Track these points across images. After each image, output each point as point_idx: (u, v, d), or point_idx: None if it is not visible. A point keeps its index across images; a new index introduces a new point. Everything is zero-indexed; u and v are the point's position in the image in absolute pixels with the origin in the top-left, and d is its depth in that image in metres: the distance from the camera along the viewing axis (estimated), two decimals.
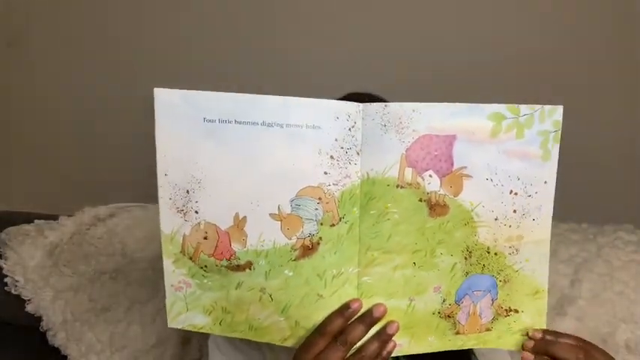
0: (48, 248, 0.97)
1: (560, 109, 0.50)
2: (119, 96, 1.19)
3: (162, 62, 1.19)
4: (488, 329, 0.54)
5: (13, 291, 0.93)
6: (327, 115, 0.48)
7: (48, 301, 0.93)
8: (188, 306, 0.53)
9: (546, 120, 0.50)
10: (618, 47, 1.12)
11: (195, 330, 0.54)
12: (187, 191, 0.50)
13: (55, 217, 1.02)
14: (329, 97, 0.51)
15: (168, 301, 0.54)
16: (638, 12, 1.09)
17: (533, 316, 0.54)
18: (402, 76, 1.12)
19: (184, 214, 0.51)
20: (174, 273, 0.53)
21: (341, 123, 0.48)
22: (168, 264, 0.52)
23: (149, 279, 0.95)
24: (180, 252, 0.52)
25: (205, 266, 0.52)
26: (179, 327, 0.54)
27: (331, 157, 0.49)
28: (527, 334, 0.53)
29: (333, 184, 0.49)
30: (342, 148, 0.49)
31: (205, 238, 0.51)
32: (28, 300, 0.93)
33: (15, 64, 1.25)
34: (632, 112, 1.15)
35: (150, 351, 0.91)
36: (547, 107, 0.50)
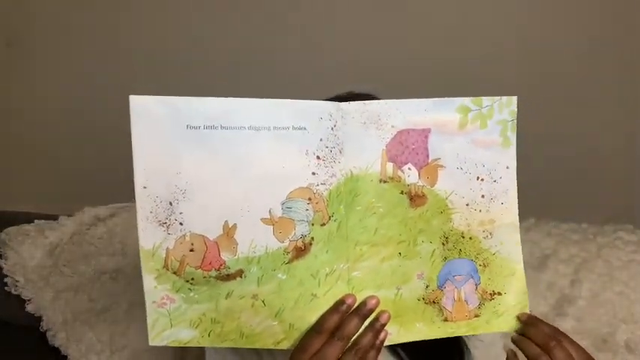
0: (48, 248, 0.97)
1: (514, 99, 0.53)
2: (119, 96, 1.18)
3: (162, 62, 1.19)
4: (476, 315, 0.56)
5: (13, 291, 0.93)
6: (312, 116, 0.49)
7: (48, 301, 0.93)
8: (172, 322, 0.51)
9: (504, 110, 0.53)
10: (619, 48, 1.12)
11: (181, 345, 0.52)
12: (170, 203, 0.48)
13: (55, 217, 1.02)
14: (322, 97, 0.51)
15: (149, 319, 0.51)
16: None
17: (516, 296, 0.56)
18: (396, 75, 1.12)
19: (167, 227, 0.49)
20: (156, 289, 0.50)
21: (324, 123, 0.49)
22: (149, 281, 0.50)
23: None
24: (163, 267, 0.50)
25: (192, 279, 0.50)
26: (162, 344, 0.52)
27: (317, 157, 0.50)
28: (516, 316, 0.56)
29: (321, 183, 0.50)
30: (327, 147, 0.50)
31: (192, 250, 0.49)
32: (28, 300, 0.92)
33: (15, 64, 1.25)
34: (632, 113, 1.15)
35: (150, 351, 0.91)
36: (504, 98, 0.53)
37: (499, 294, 0.56)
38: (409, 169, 0.52)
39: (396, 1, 1.15)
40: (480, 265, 0.56)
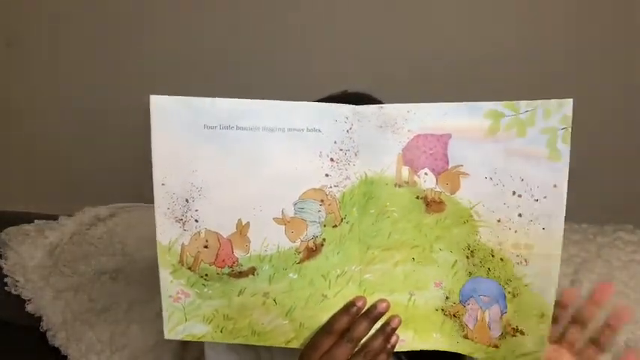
0: (48, 248, 0.97)
1: (569, 102, 0.46)
2: (119, 96, 1.19)
3: (162, 62, 1.19)
4: (496, 345, 0.53)
5: (13, 291, 0.93)
6: (326, 118, 0.49)
7: (48, 301, 0.93)
8: (187, 316, 0.53)
9: (553, 116, 0.46)
10: (619, 48, 1.12)
11: (195, 339, 0.54)
12: (186, 200, 0.50)
13: (55, 217, 1.02)
14: (322, 97, 0.51)
15: (165, 313, 0.53)
16: None
17: (535, 342, 0.51)
18: (395, 75, 1.12)
19: (183, 223, 0.50)
20: (171, 284, 0.52)
21: (339, 125, 0.49)
22: (165, 275, 0.52)
23: (149, 279, 0.95)
24: (179, 262, 0.51)
25: (206, 275, 0.52)
26: (178, 338, 0.53)
27: (331, 159, 0.50)
28: None
29: (335, 185, 0.50)
30: (341, 150, 0.50)
31: (206, 246, 0.51)
32: (28, 300, 0.93)
33: (15, 64, 1.25)
34: (632, 113, 1.15)
35: (150, 350, 0.91)
36: (553, 102, 0.46)
37: (521, 333, 0.51)
38: (426, 174, 0.50)
39: (395, 1, 1.15)
40: (509, 293, 0.51)
